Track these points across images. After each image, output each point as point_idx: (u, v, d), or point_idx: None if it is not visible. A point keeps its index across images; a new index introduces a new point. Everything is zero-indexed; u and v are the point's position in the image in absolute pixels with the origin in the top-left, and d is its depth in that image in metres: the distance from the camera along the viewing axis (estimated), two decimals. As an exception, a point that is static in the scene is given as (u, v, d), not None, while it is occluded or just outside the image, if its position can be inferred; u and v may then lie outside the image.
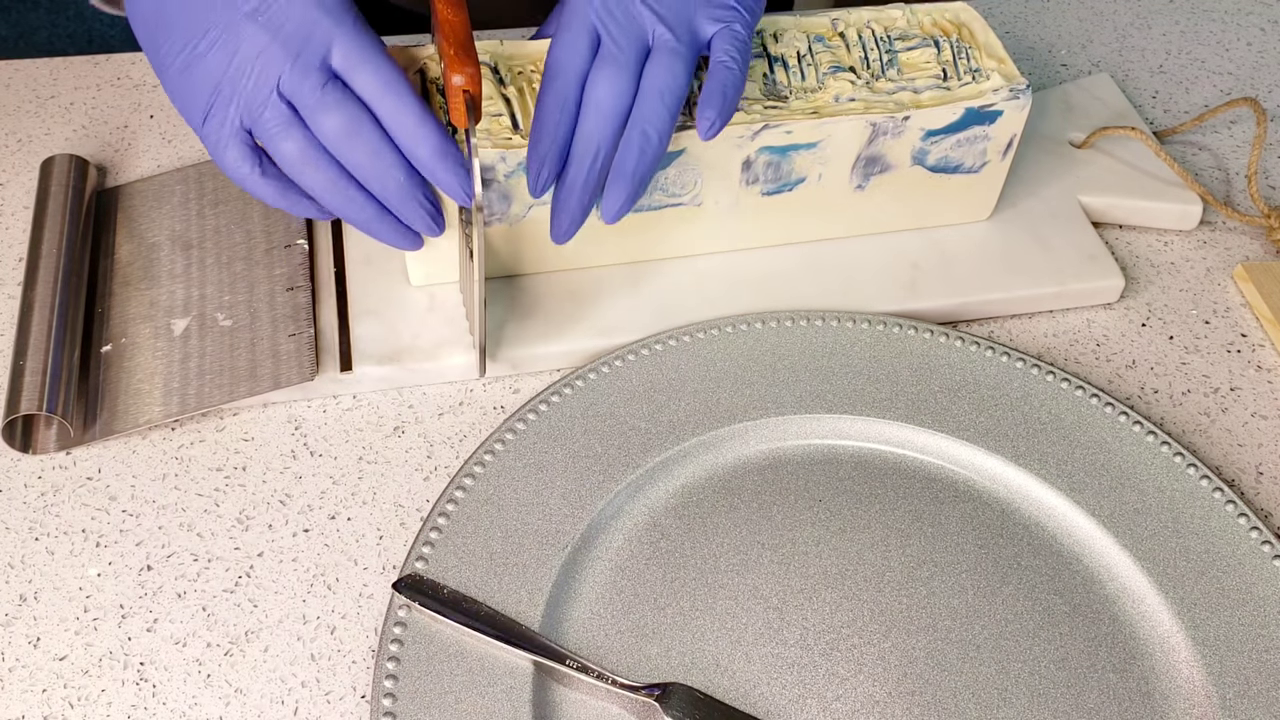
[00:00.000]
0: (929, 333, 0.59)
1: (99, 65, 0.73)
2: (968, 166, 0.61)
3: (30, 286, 0.58)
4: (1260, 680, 0.48)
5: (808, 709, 0.48)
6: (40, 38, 2.05)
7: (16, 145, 0.68)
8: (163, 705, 0.47)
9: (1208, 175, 0.71)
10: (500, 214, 0.57)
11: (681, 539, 0.52)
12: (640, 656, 0.49)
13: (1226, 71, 0.78)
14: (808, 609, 0.50)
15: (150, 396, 0.55)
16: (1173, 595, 0.51)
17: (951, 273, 0.62)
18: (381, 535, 0.53)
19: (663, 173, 0.57)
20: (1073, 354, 0.61)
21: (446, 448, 0.56)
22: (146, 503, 0.53)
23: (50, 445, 0.55)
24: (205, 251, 0.61)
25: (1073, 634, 0.50)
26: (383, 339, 0.58)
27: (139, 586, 0.50)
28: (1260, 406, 0.60)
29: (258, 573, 0.51)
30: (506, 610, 0.49)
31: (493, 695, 0.46)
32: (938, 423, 0.56)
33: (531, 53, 0.58)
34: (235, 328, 0.57)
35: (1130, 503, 0.53)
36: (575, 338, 0.58)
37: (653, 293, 0.60)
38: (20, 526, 0.52)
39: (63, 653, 0.48)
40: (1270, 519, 0.55)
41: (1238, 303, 0.64)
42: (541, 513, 0.52)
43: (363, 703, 0.48)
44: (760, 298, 0.61)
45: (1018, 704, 0.48)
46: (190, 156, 0.67)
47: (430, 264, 0.58)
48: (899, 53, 0.60)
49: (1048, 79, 0.76)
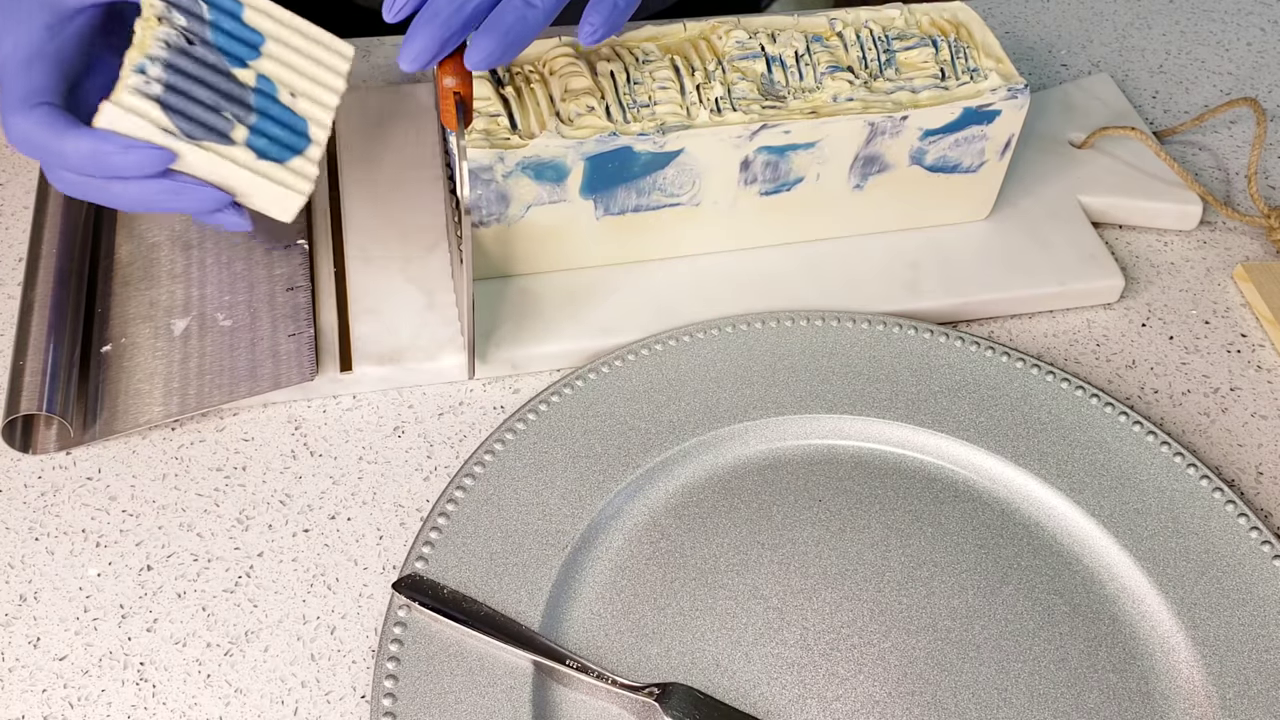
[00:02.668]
0: (929, 333, 0.59)
1: (99, 66, 0.73)
2: (966, 166, 0.61)
3: (30, 286, 0.58)
4: (1260, 680, 0.48)
5: (808, 709, 0.48)
6: (40, 38, 2.04)
7: (16, 145, 0.68)
8: (163, 705, 0.47)
9: (1208, 175, 0.71)
10: (498, 214, 0.57)
11: (681, 539, 0.52)
12: (640, 656, 0.49)
13: (1226, 71, 0.78)
14: (808, 609, 0.50)
15: (150, 396, 0.55)
16: (1173, 595, 0.51)
17: (951, 273, 0.62)
18: (381, 535, 0.53)
19: (661, 173, 0.57)
20: (1073, 354, 0.61)
21: (446, 448, 0.56)
22: (146, 503, 0.53)
23: (50, 445, 0.55)
24: (205, 251, 0.61)
25: (1073, 634, 0.50)
26: (383, 339, 0.58)
27: (139, 586, 0.50)
28: (1260, 406, 0.60)
29: (258, 573, 0.51)
30: (506, 610, 0.49)
31: (493, 695, 0.46)
32: (938, 423, 0.56)
33: (529, 53, 0.58)
34: (235, 328, 0.57)
35: (1130, 503, 0.53)
36: (575, 338, 0.58)
37: (653, 293, 0.60)
38: (20, 526, 0.52)
39: (63, 653, 0.48)
40: (1270, 519, 0.55)
41: (1238, 303, 0.64)
42: (541, 513, 0.52)
43: (363, 703, 0.48)
44: (760, 298, 0.61)
45: (1018, 704, 0.48)
46: (190, 157, 0.67)
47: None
48: (897, 52, 0.60)
49: (1048, 79, 0.76)
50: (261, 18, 0.51)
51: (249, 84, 0.50)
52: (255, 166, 0.49)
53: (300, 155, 0.51)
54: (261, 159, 0.50)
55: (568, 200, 0.57)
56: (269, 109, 0.50)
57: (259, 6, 0.51)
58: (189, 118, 0.48)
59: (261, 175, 0.50)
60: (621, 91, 0.57)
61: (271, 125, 0.50)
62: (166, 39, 0.48)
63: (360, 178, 0.64)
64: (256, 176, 0.50)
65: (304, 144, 0.51)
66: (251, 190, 0.50)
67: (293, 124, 0.51)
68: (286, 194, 0.50)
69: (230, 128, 0.49)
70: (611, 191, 0.57)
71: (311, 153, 0.51)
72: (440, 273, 0.60)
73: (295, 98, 0.51)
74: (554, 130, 0.55)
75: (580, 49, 0.58)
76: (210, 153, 0.48)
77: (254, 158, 0.49)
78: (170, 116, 0.48)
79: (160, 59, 0.48)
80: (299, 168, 0.51)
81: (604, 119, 0.55)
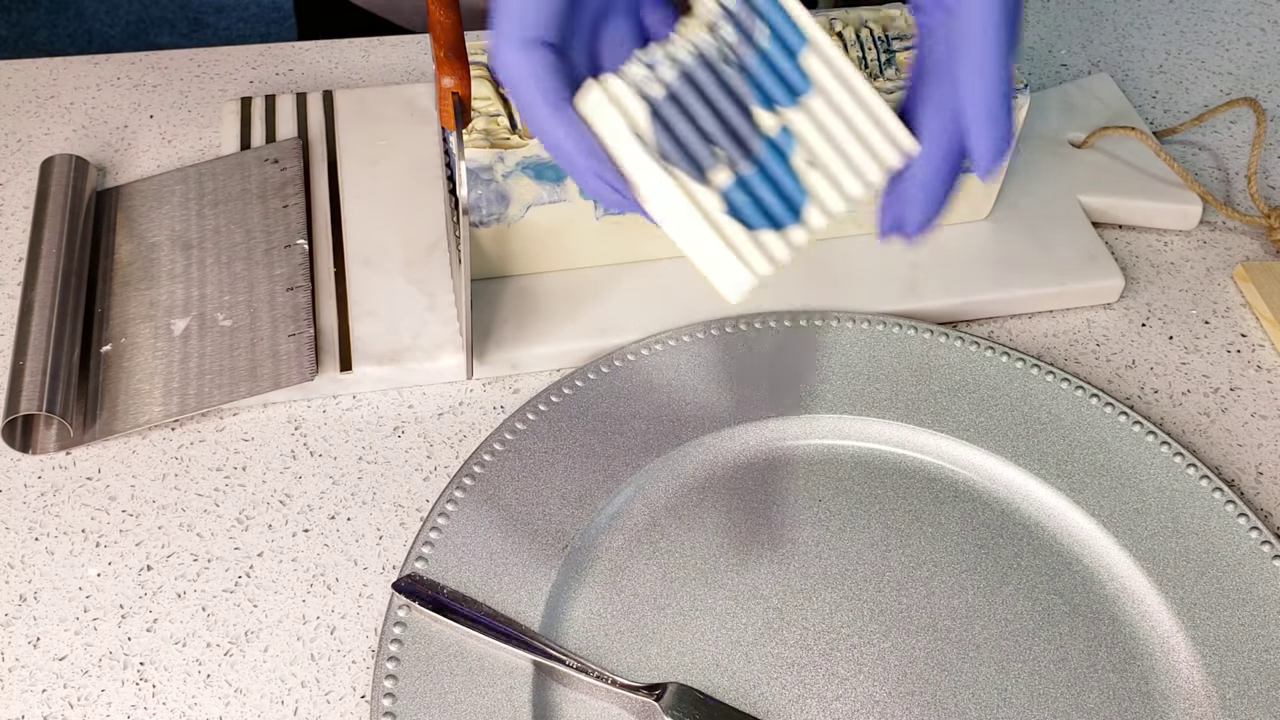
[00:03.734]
0: (929, 333, 0.59)
1: (99, 65, 0.73)
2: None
3: (30, 286, 0.58)
4: (1260, 680, 0.48)
5: (808, 709, 0.48)
6: (40, 38, 2.05)
7: (16, 145, 0.68)
8: (163, 705, 0.47)
9: (1208, 175, 0.71)
10: (498, 214, 0.57)
11: (681, 539, 0.52)
12: (640, 656, 0.49)
13: (1226, 71, 0.78)
14: (808, 609, 0.50)
15: (150, 396, 0.55)
16: (1173, 595, 0.51)
17: (951, 272, 0.62)
18: (381, 535, 0.53)
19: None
20: (1073, 354, 0.61)
21: (446, 448, 0.56)
22: (146, 503, 0.53)
23: (50, 445, 0.55)
24: (205, 251, 0.61)
25: (1073, 634, 0.50)
26: (383, 339, 0.58)
27: (139, 586, 0.50)
28: (1260, 406, 0.60)
29: (258, 573, 0.51)
30: (506, 610, 0.49)
31: (493, 695, 0.46)
32: (938, 423, 0.56)
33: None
34: (235, 328, 0.57)
35: (1130, 503, 0.53)
36: (575, 338, 0.58)
37: (653, 293, 0.60)
38: (20, 526, 0.52)
39: (63, 653, 0.48)
40: (1270, 519, 0.55)
41: (1238, 303, 0.64)
42: (541, 513, 0.52)
43: (363, 703, 0.48)
44: (760, 298, 0.61)
45: (1018, 704, 0.48)
46: (190, 156, 0.67)
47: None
48: (897, 52, 0.60)
49: (1048, 79, 0.76)
50: (820, 66, 0.42)
51: (766, 131, 0.42)
52: (716, 220, 0.41)
53: (778, 231, 0.41)
54: (729, 216, 0.41)
55: (568, 200, 0.57)
56: (772, 167, 0.41)
57: (824, 52, 0.42)
58: (674, 137, 0.40)
59: (717, 232, 0.41)
60: (622, 91, 0.56)
61: (763, 185, 0.41)
62: (701, 49, 0.41)
63: (360, 177, 0.64)
64: (710, 231, 0.41)
65: (789, 220, 0.41)
66: (696, 244, 0.41)
67: (790, 194, 0.42)
68: (737, 267, 0.41)
69: (712, 165, 0.41)
70: (612, 191, 0.57)
71: (793, 235, 0.42)
72: (440, 273, 0.60)
73: (811, 167, 0.42)
74: (554, 130, 0.55)
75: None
76: (673, 181, 0.40)
77: (720, 209, 0.41)
78: (654, 126, 0.40)
79: (681, 64, 0.41)
80: (768, 244, 0.41)
81: (604, 119, 0.55)
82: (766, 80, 0.42)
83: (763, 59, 0.42)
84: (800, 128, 0.42)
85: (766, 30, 0.42)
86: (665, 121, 0.40)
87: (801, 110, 0.42)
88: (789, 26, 0.42)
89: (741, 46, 0.42)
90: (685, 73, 0.41)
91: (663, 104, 0.40)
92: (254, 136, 0.67)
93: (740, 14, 0.42)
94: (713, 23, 0.42)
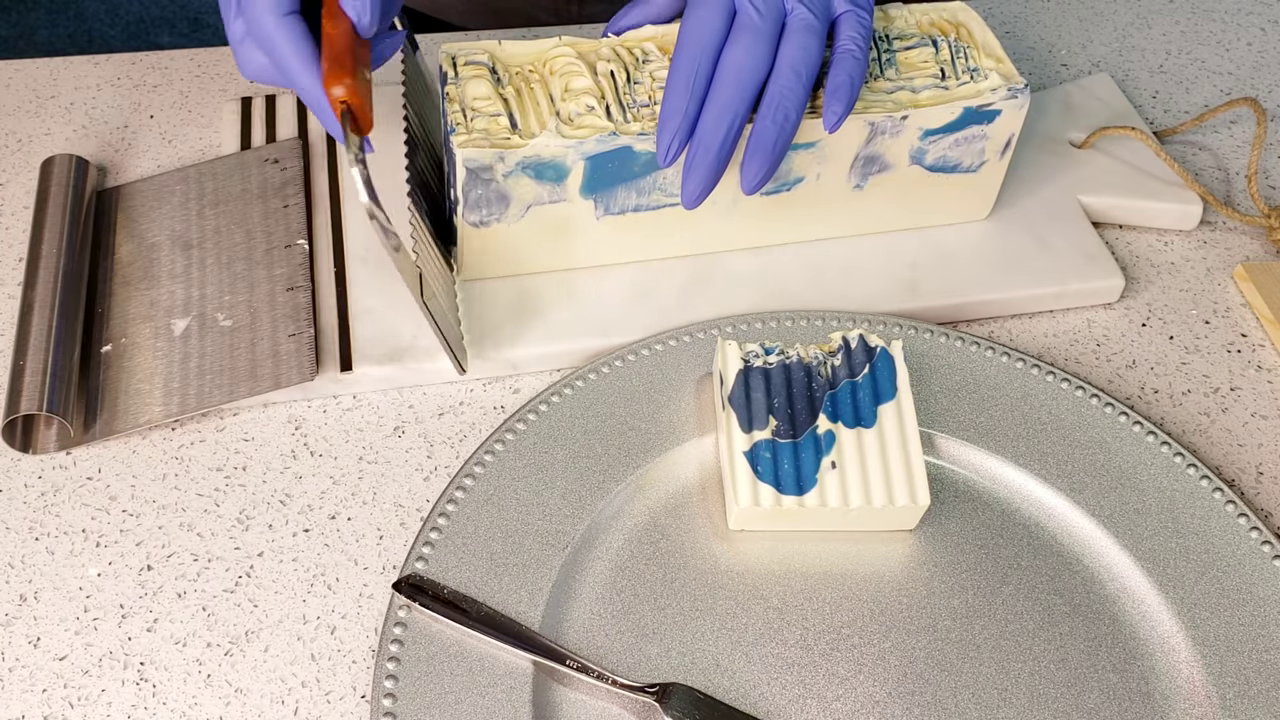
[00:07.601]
0: (929, 333, 0.59)
1: (99, 65, 0.73)
2: (966, 166, 0.61)
3: (30, 286, 0.58)
4: (1260, 680, 0.48)
5: (808, 709, 0.48)
6: (40, 38, 2.05)
7: (16, 145, 0.68)
8: (163, 705, 0.47)
9: (1208, 175, 0.71)
10: (498, 214, 0.57)
11: (681, 539, 0.52)
12: (640, 656, 0.49)
13: (1226, 71, 0.78)
14: (808, 609, 0.50)
15: (150, 396, 0.55)
16: (1173, 595, 0.51)
17: (951, 272, 0.62)
18: (381, 535, 0.53)
19: (661, 172, 0.57)
20: (1073, 354, 0.61)
21: (446, 448, 0.56)
22: (146, 503, 0.53)
23: (50, 445, 0.55)
24: (205, 251, 0.61)
25: (1073, 634, 0.50)
26: (383, 339, 0.58)
27: (139, 586, 0.50)
28: (1260, 406, 0.60)
29: (258, 573, 0.51)
30: (506, 610, 0.49)
31: (493, 695, 0.46)
32: (938, 423, 0.56)
33: (529, 53, 0.58)
34: (235, 328, 0.57)
35: (1130, 503, 0.53)
36: (575, 338, 0.58)
37: (652, 293, 0.60)
38: (20, 526, 0.52)
39: (63, 653, 0.48)
40: (1270, 519, 0.55)
41: (1238, 303, 0.64)
42: (541, 513, 0.52)
43: (363, 703, 0.48)
44: (760, 298, 0.61)
45: (1018, 704, 0.48)
46: (190, 156, 0.67)
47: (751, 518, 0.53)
48: (897, 52, 0.60)
49: (1048, 79, 0.76)
50: (893, 417, 0.52)
51: (817, 425, 0.52)
52: (734, 455, 0.51)
53: (775, 490, 0.51)
54: (745, 457, 0.51)
55: (568, 200, 0.57)
56: (803, 451, 0.51)
57: (903, 410, 0.52)
58: (747, 394, 0.53)
59: (729, 462, 0.51)
60: (621, 91, 0.57)
61: (787, 458, 0.51)
62: (809, 362, 0.53)
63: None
64: (726, 461, 0.52)
65: (791, 492, 0.51)
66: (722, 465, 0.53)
67: (804, 476, 0.51)
68: (734, 494, 0.51)
69: (762, 426, 0.52)
70: (611, 191, 0.57)
71: (785, 500, 0.51)
72: (440, 273, 0.60)
73: (832, 468, 0.51)
74: (554, 130, 0.55)
75: (580, 49, 0.58)
76: (724, 418, 0.53)
77: (744, 449, 0.51)
78: (737, 380, 0.53)
79: (786, 358, 0.54)
80: (762, 493, 0.51)
81: (604, 119, 0.55)
82: (844, 404, 0.53)
83: (850, 388, 0.53)
84: (843, 439, 0.52)
85: (864, 371, 0.53)
86: (747, 382, 0.53)
87: (855, 433, 0.52)
88: (889, 381, 0.53)
89: (839, 372, 0.53)
90: (785, 365, 0.53)
91: (753, 372, 0.53)
92: (254, 136, 0.67)
93: (856, 354, 0.54)
94: (832, 350, 0.54)
